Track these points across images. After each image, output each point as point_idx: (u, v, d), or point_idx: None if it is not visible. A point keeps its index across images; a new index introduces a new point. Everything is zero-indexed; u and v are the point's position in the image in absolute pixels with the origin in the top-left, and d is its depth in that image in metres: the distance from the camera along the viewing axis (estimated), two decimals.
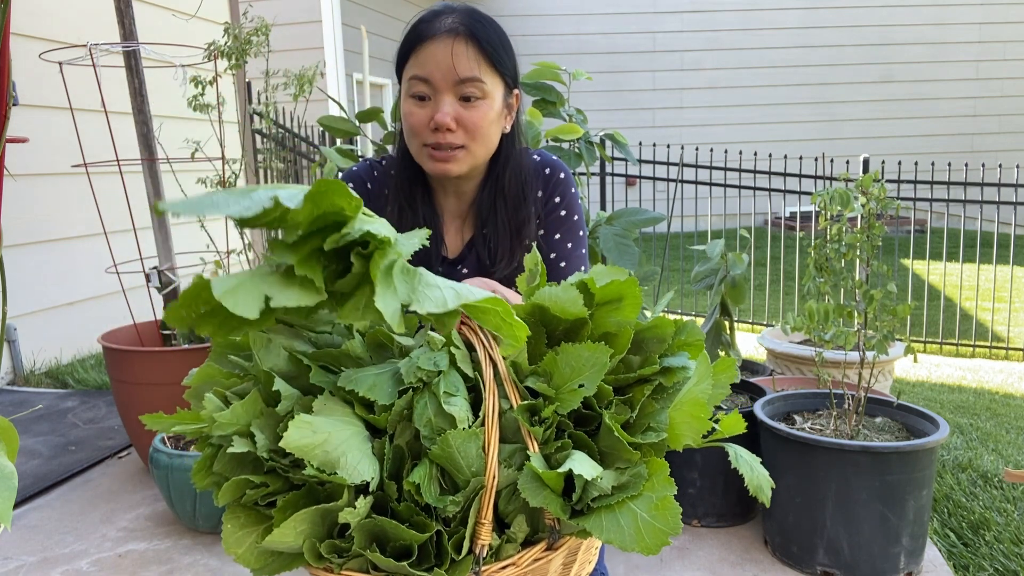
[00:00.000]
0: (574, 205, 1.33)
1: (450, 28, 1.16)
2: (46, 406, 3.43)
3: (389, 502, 0.75)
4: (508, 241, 1.29)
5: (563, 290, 0.78)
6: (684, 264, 6.81)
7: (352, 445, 0.73)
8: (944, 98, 10.05)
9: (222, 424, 0.76)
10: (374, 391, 0.76)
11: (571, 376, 0.76)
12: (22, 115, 3.62)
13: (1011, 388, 4.06)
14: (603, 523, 0.71)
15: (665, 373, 0.82)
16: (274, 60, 2.93)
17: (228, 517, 0.77)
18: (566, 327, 0.81)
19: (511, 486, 0.75)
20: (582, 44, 9.78)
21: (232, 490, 0.77)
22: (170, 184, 2.75)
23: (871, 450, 1.93)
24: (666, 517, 0.70)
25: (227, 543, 0.76)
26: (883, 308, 2.11)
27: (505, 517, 0.76)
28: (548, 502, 0.71)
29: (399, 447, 0.77)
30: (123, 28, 2.58)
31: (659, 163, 5.66)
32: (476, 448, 0.73)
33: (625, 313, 0.81)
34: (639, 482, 0.73)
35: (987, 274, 5.65)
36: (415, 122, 1.19)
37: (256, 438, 0.75)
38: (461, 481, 0.74)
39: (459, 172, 1.23)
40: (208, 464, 0.79)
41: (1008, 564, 2.03)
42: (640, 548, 0.69)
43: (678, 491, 0.72)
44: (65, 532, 2.33)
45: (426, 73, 1.17)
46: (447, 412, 0.74)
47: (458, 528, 0.74)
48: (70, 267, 4.02)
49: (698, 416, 0.78)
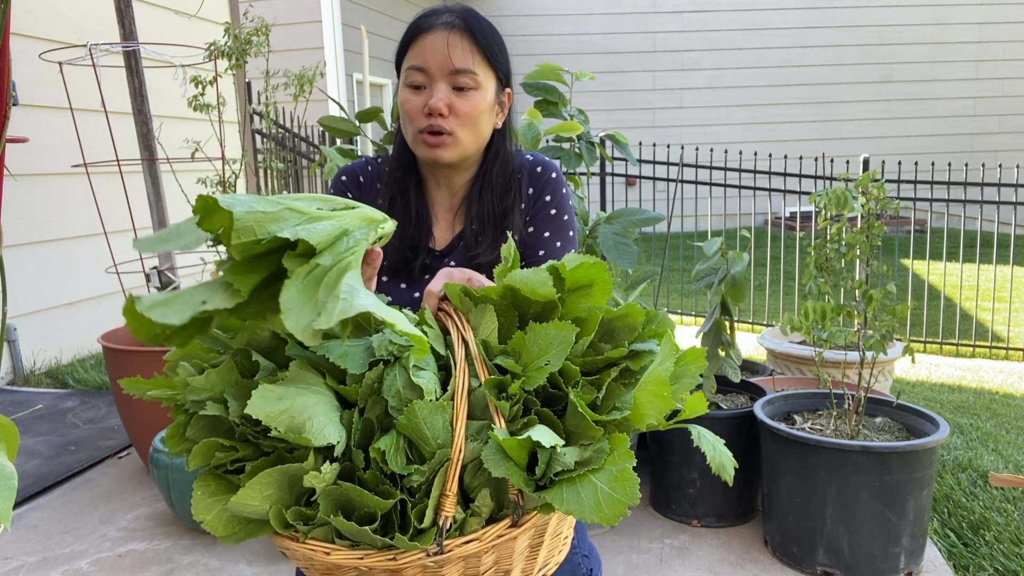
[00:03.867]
0: (564, 204, 1.36)
1: (447, 22, 1.23)
2: (46, 406, 3.43)
3: (356, 471, 0.77)
4: (492, 231, 1.32)
5: (534, 273, 0.80)
6: (684, 264, 6.81)
7: (318, 410, 0.74)
8: (944, 98, 10.05)
9: (196, 389, 0.77)
10: (345, 360, 0.77)
11: (538, 354, 0.78)
12: (22, 115, 3.63)
13: (1011, 388, 4.06)
14: (564, 495, 0.72)
15: (633, 357, 0.83)
16: (274, 60, 2.93)
17: (199, 484, 0.79)
18: (537, 310, 0.83)
19: (476, 460, 0.76)
20: (582, 44, 9.78)
21: (202, 452, 0.78)
22: (170, 184, 2.75)
23: (871, 450, 1.93)
24: (624, 488, 0.72)
25: (196, 509, 0.77)
26: (883, 308, 2.11)
27: (470, 492, 0.77)
28: (510, 473, 0.72)
29: (368, 420, 0.78)
30: (123, 28, 2.58)
31: (659, 163, 5.66)
32: (443, 421, 0.75)
33: (595, 298, 0.83)
34: (601, 456, 0.74)
35: (987, 274, 5.65)
36: (410, 108, 1.25)
37: (229, 405, 0.76)
38: (427, 453, 0.76)
39: (449, 159, 1.27)
40: (181, 431, 0.81)
41: (1008, 564, 2.03)
42: (599, 518, 0.71)
43: (678, 491, 0.73)
44: (65, 532, 2.33)
45: (422, 62, 1.22)
46: (415, 384, 0.76)
47: (422, 499, 0.75)
48: (70, 267, 4.02)
49: (661, 395, 0.79)
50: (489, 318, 0.81)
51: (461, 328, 0.79)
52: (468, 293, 0.83)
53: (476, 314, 0.82)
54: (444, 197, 1.37)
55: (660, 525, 2.34)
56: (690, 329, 5.12)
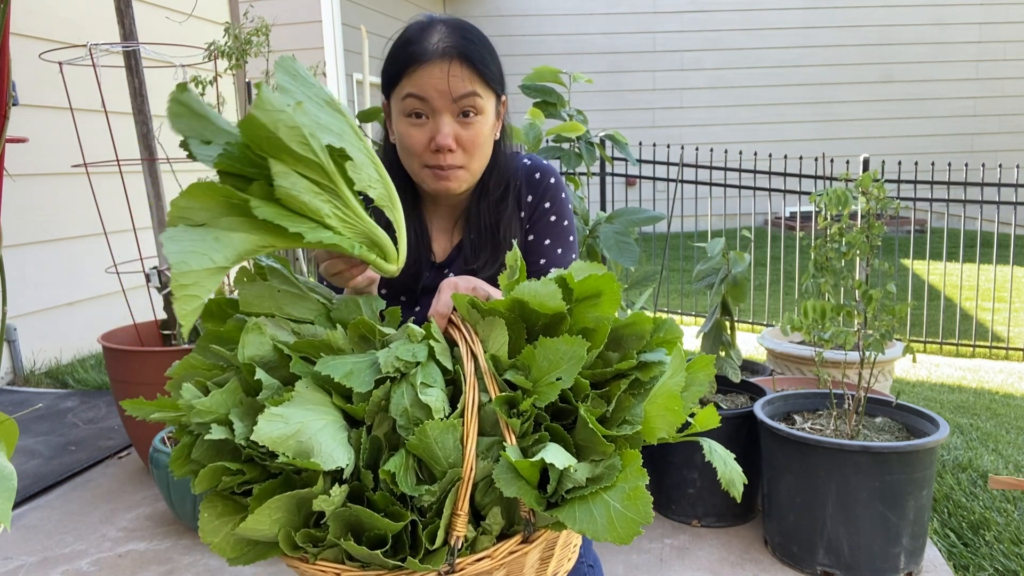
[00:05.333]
0: (564, 210, 1.34)
1: (444, 51, 1.18)
2: (46, 406, 3.43)
3: (365, 492, 0.75)
4: (490, 241, 1.30)
5: (542, 285, 0.79)
6: (684, 264, 6.81)
7: (326, 433, 0.73)
8: (944, 98, 10.04)
9: (200, 411, 0.76)
10: (351, 378, 0.76)
11: (549, 369, 0.77)
12: (22, 115, 3.62)
13: (1011, 388, 4.06)
14: (576, 514, 0.72)
15: (642, 368, 0.82)
16: (274, 60, 2.93)
17: (205, 506, 0.77)
18: (545, 322, 0.82)
19: (487, 478, 0.75)
20: (582, 44, 9.78)
21: (209, 477, 0.77)
22: (170, 184, 2.74)
23: (871, 450, 1.93)
24: (638, 507, 0.71)
25: (203, 531, 0.76)
26: (882, 308, 2.11)
27: (481, 509, 0.77)
28: (522, 493, 0.72)
29: (376, 438, 0.77)
30: (123, 28, 2.58)
31: (659, 163, 5.66)
32: (454, 439, 0.74)
33: (603, 308, 0.82)
34: (613, 473, 0.74)
35: (987, 274, 5.65)
36: (413, 143, 1.21)
37: (235, 426, 0.75)
38: (438, 472, 0.75)
39: (459, 189, 1.25)
40: (186, 452, 0.80)
41: (1008, 564, 2.03)
42: (612, 538, 0.70)
43: (678, 491, 0.73)
44: (65, 532, 2.33)
45: (423, 94, 1.18)
46: (423, 402, 0.75)
47: (433, 519, 0.74)
48: (70, 267, 4.01)
49: (672, 408, 0.78)
50: (499, 332, 0.80)
51: (470, 341, 0.78)
52: (476, 305, 0.81)
53: (484, 327, 0.81)
54: (442, 209, 1.35)
55: (660, 525, 2.34)
56: (690, 329, 5.12)
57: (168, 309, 2.69)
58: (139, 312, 2.89)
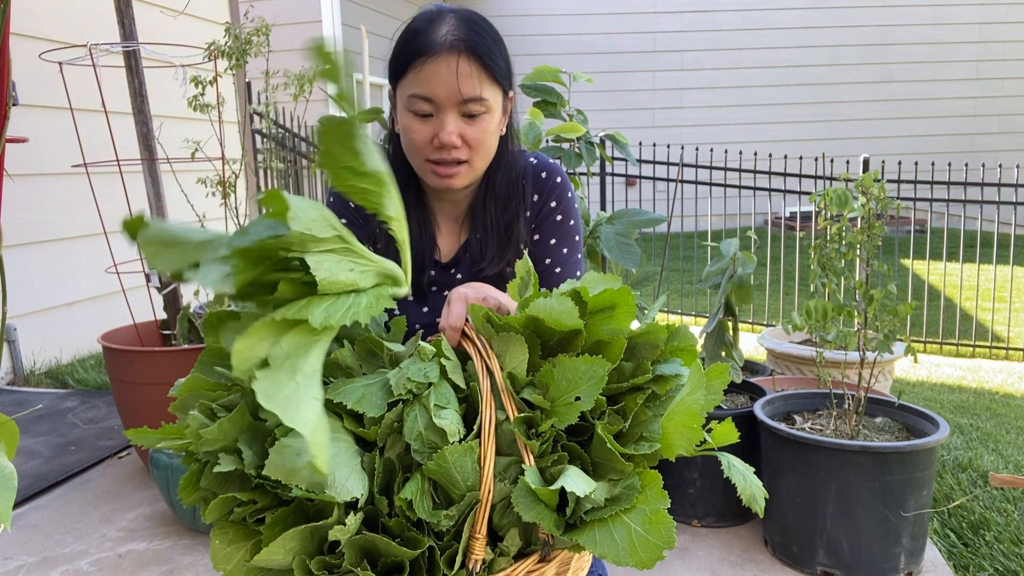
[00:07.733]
0: (570, 210, 1.32)
1: (452, 45, 1.14)
2: (46, 406, 3.43)
3: (380, 517, 0.74)
4: (497, 239, 1.28)
5: (558, 301, 0.77)
6: (684, 264, 6.81)
7: (340, 462, 0.71)
8: (944, 98, 10.05)
9: (208, 440, 0.73)
10: (363, 403, 0.75)
11: (568, 389, 0.75)
12: (22, 115, 3.62)
13: (1011, 388, 4.06)
14: (597, 537, 0.70)
15: (658, 381, 0.81)
16: (274, 60, 2.93)
17: (216, 533, 0.75)
18: (560, 337, 0.80)
19: (505, 500, 0.73)
20: (582, 44, 9.78)
21: (219, 508, 0.75)
22: (170, 184, 2.74)
23: (871, 450, 1.93)
24: (660, 531, 0.69)
25: (215, 559, 0.74)
26: (883, 308, 2.11)
27: (498, 531, 0.75)
28: (542, 518, 0.70)
29: (390, 460, 0.76)
30: (123, 28, 2.58)
31: (659, 163, 5.65)
32: (472, 462, 0.72)
33: (618, 321, 0.80)
34: (632, 494, 0.72)
35: (987, 274, 5.64)
36: (417, 139, 1.19)
37: (243, 454, 0.73)
38: (456, 495, 0.73)
39: (462, 185, 1.23)
40: (195, 480, 0.77)
41: (1008, 564, 2.03)
42: (634, 562, 0.68)
43: (678, 491, 0.73)
44: (65, 532, 2.33)
45: (428, 92, 1.15)
46: (438, 426, 0.73)
47: (451, 543, 0.73)
48: (70, 267, 4.01)
49: (690, 426, 0.77)
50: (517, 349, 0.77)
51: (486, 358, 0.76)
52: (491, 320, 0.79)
53: (499, 342, 0.79)
54: (447, 207, 1.33)
55: None
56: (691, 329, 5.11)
57: (168, 309, 2.69)
58: (139, 312, 2.89)
